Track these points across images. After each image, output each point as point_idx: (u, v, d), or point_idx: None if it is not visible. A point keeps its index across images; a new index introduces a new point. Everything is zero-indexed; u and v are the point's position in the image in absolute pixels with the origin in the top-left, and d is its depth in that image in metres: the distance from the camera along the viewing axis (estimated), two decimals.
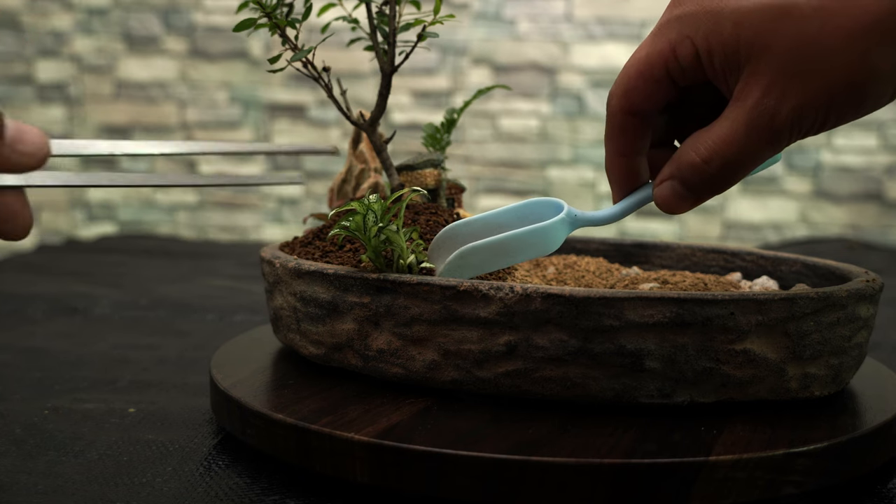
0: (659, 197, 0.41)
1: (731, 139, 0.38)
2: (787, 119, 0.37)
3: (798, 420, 0.41)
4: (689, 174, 0.40)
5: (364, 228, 0.42)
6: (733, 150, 0.38)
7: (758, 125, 0.37)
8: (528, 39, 1.78)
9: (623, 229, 1.81)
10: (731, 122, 0.38)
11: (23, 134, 0.34)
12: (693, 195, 0.40)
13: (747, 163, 0.39)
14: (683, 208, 0.41)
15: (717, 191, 0.40)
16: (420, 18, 0.50)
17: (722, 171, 0.39)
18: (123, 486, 0.40)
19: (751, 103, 0.37)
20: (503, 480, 0.35)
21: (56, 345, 0.69)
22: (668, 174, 0.41)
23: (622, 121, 0.42)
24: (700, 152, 0.39)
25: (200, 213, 1.85)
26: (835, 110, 0.37)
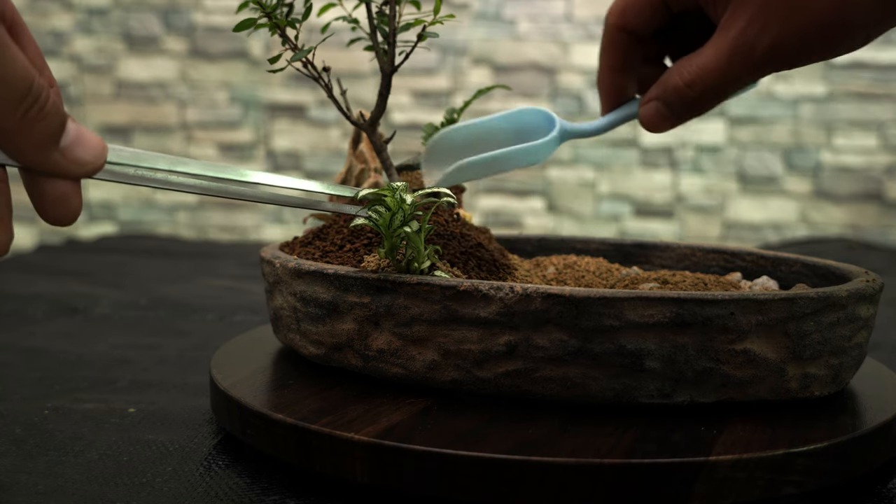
0: (644, 116, 0.44)
1: (713, 66, 0.40)
2: (765, 52, 0.39)
3: (798, 420, 0.41)
4: (673, 96, 0.43)
5: (389, 225, 0.42)
6: (714, 77, 0.41)
7: (738, 55, 0.40)
8: (528, 39, 1.78)
9: (623, 229, 1.81)
10: (714, 51, 0.40)
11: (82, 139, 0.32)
12: (674, 115, 0.43)
13: (726, 89, 0.41)
14: (665, 127, 0.44)
15: (697, 113, 0.43)
16: (420, 18, 0.50)
17: (703, 94, 0.42)
18: (123, 486, 0.40)
19: (733, 34, 0.39)
20: (503, 480, 0.35)
21: (56, 345, 0.69)
22: (654, 95, 0.44)
23: (616, 37, 0.44)
24: (684, 77, 0.42)
25: (200, 213, 1.85)
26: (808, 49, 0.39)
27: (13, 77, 0.29)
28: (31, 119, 0.30)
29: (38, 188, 0.33)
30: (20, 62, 0.29)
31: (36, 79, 0.30)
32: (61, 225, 0.34)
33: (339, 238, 0.52)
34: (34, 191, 0.33)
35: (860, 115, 1.74)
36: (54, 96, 0.31)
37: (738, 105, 1.76)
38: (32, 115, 0.30)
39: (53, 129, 0.31)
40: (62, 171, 0.32)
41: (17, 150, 0.31)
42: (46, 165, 0.32)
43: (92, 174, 0.33)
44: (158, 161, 0.37)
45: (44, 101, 0.30)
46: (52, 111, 0.31)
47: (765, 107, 1.76)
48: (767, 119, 1.76)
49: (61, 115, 0.31)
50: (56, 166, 0.32)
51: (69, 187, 0.33)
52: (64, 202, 0.33)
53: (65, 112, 0.32)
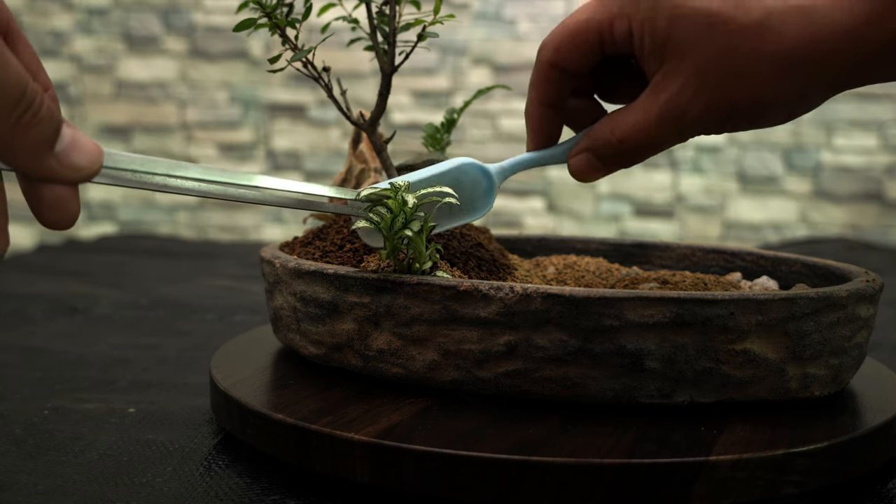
0: (574, 166, 0.45)
1: (642, 126, 0.42)
2: (693, 119, 0.40)
3: (798, 420, 0.41)
4: (604, 149, 0.44)
5: (391, 227, 0.42)
6: (643, 136, 0.42)
7: (667, 119, 0.41)
8: (528, 39, 1.78)
9: (623, 229, 1.81)
10: (644, 112, 0.41)
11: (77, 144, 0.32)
12: (605, 167, 0.45)
13: (655, 147, 0.43)
14: (594, 177, 0.45)
15: (628, 164, 0.44)
16: (420, 18, 0.50)
17: (633, 150, 0.43)
18: (123, 486, 0.40)
19: (664, 98, 0.40)
20: (503, 480, 0.35)
21: (56, 345, 0.69)
22: (584, 147, 0.45)
23: (548, 72, 0.45)
24: (615, 132, 0.43)
25: (200, 213, 1.84)
26: (733, 120, 0.40)
27: (6, 83, 0.29)
28: (25, 125, 0.30)
29: (35, 193, 0.32)
30: (13, 67, 0.29)
31: (30, 84, 0.30)
32: (59, 229, 0.33)
33: (339, 238, 0.52)
34: (31, 195, 0.32)
35: (860, 115, 1.74)
36: (49, 101, 0.31)
37: None
38: (26, 121, 0.30)
39: (48, 135, 0.31)
40: (58, 177, 0.32)
41: (11, 155, 0.31)
42: (42, 171, 0.31)
43: (88, 179, 0.33)
44: (156, 165, 0.37)
45: (38, 107, 0.30)
46: (46, 116, 0.30)
47: None
48: None
49: (56, 121, 0.31)
50: (51, 172, 0.31)
51: (66, 192, 0.32)
52: (61, 206, 0.32)
53: (60, 117, 0.31)
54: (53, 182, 0.32)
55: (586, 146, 0.44)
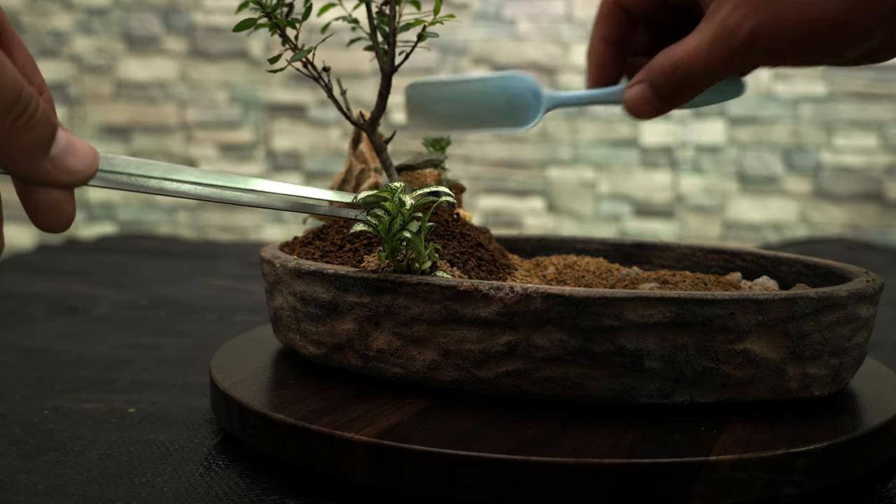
0: (628, 98, 0.44)
1: (695, 51, 0.41)
2: (743, 40, 0.39)
3: (798, 420, 0.41)
4: (659, 79, 0.43)
5: (389, 229, 0.42)
6: (696, 62, 0.41)
7: (718, 41, 0.40)
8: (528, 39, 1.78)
9: (623, 229, 1.81)
10: (697, 36, 0.41)
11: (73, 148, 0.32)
12: (659, 99, 0.43)
13: (706, 75, 0.41)
14: (648, 111, 0.44)
15: (681, 97, 0.43)
16: (420, 18, 0.50)
17: (686, 79, 0.42)
18: (123, 486, 0.40)
19: (717, 20, 0.40)
20: (503, 480, 0.35)
21: (56, 345, 0.69)
22: (640, 78, 0.44)
23: (611, 10, 0.45)
24: (669, 60, 0.42)
25: (200, 213, 1.85)
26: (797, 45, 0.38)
27: (1, 87, 0.29)
28: (20, 128, 0.30)
29: (30, 196, 0.32)
30: (9, 71, 0.29)
31: (25, 87, 0.29)
32: (54, 231, 0.33)
33: (339, 238, 0.52)
34: (27, 198, 0.32)
35: (860, 115, 1.74)
36: (44, 104, 0.31)
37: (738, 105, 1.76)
38: (21, 125, 0.30)
39: (43, 139, 0.31)
40: (53, 181, 0.31)
41: (7, 159, 0.30)
42: (37, 174, 0.31)
43: (83, 183, 0.33)
44: (152, 168, 0.36)
45: (33, 110, 0.30)
46: (41, 120, 0.30)
47: (765, 107, 1.76)
48: (767, 119, 1.76)
49: (51, 124, 0.31)
50: (46, 175, 0.31)
51: (62, 195, 0.32)
52: (56, 210, 0.32)
53: (55, 120, 0.31)
54: (49, 186, 0.32)
55: (642, 77, 0.44)
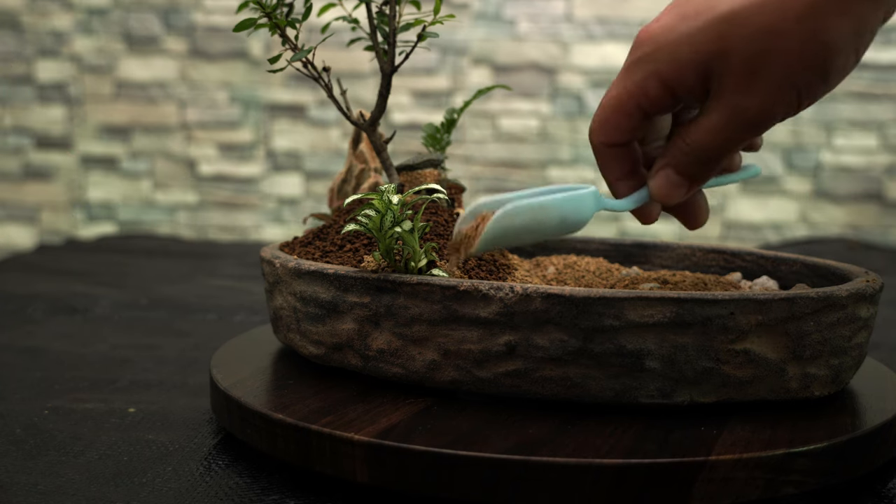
0: (654, 186, 0.44)
1: (713, 130, 0.41)
2: (759, 111, 0.40)
3: (798, 420, 0.41)
4: (681, 159, 0.43)
5: (381, 227, 0.42)
6: (717, 141, 0.41)
7: (733, 120, 0.40)
8: (528, 39, 1.78)
9: (623, 229, 1.81)
10: (709, 117, 0.41)
11: None
12: (686, 179, 0.44)
13: (730, 149, 0.42)
14: (678, 194, 0.44)
15: (705, 174, 0.44)
16: (420, 18, 0.50)
17: (709, 156, 0.42)
18: (123, 486, 0.40)
19: (723, 101, 0.40)
20: (503, 480, 0.35)
21: (56, 345, 0.69)
22: (662, 164, 0.44)
23: (606, 153, 0.45)
24: (688, 140, 0.42)
25: (200, 213, 1.85)
26: (804, 92, 0.39)
27: None
28: None
29: None
30: None
31: None
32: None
33: (339, 238, 0.52)
34: None
35: (860, 115, 1.74)
36: None
37: None
38: None
39: None
40: None
41: None
42: None
43: None
44: None
45: None
46: None
47: None
48: None
49: None
50: None
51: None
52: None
53: None
54: None
55: (663, 163, 0.44)
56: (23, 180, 1.81)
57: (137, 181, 1.84)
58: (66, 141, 1.83)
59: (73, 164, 1.83)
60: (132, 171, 1.84)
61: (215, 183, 1.83)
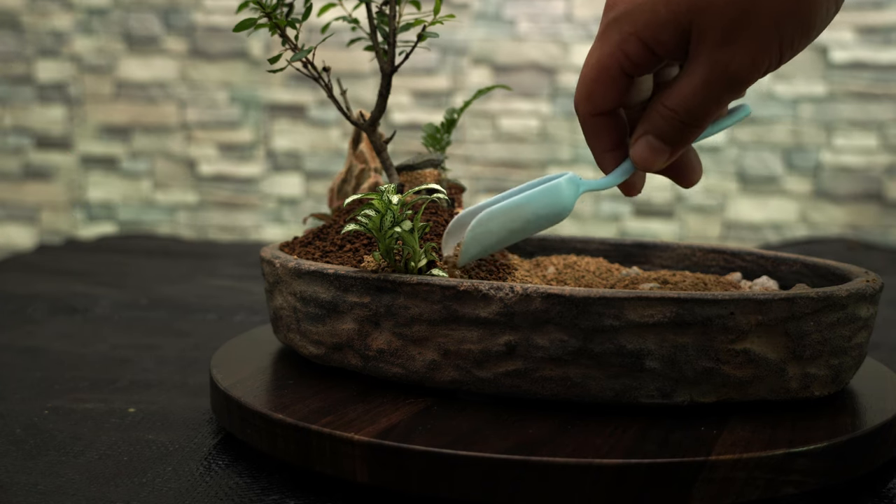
0: (635, 154, 0.43)
1: (692, 92, 0.40)
2: (741, 66, 0.39)
3: (798, 420, 0.41)
4: (661, 124, 0.42)
5: (380, 227, 0.42)
6: (697, 101, 0.40)
7: (714, 78, 0.39)
8: (528, 39, 1.78)
9: (623, 229, 1.81)
10: (689, 78, 0.40)
11: None
12: (667, 145, 0.42)
13: (713, 110, 0.41)
14: (659, 161, 0.43)
15: (688, 137, 0.42)
16: (420, 18, 0.50)
17: (689, 118, 0.41)
18: (123, 486, 0.40)
19: (703, 59, 0.39)
20: (503, 480, 0.35)
21: (56, 345, 0.69)
22: (642, 131, 0.43)
23: (594, 123, 0.44)
24: (668, 104, 0.41)
25: (200, 213, 1.85)
26: (786, 45, 0.39)
27: None
28: None
29: None
30: None
31: None
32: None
33: (339, 238, 0.52)
34: None
35: (860, 115, 1.74)
36: None
37: None
38: None
39: None
40: None
41: None
42: None
43: None
44: None
45: None
46: None
47: (765, 107, 1.76)
48: (767, 119, 1.76)
49: None
50: None
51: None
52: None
53: None
54: None
55: (643, 130, 0.43)
56: (23, 180, 1.81)
57: (137, 181, 1.84)
58: (66, 141, 1.83)
59: (73, 164, 1.83)
60: (132, 171, 1.84)
61: (215, 183, 1.84)
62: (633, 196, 0.46)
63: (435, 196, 0.44)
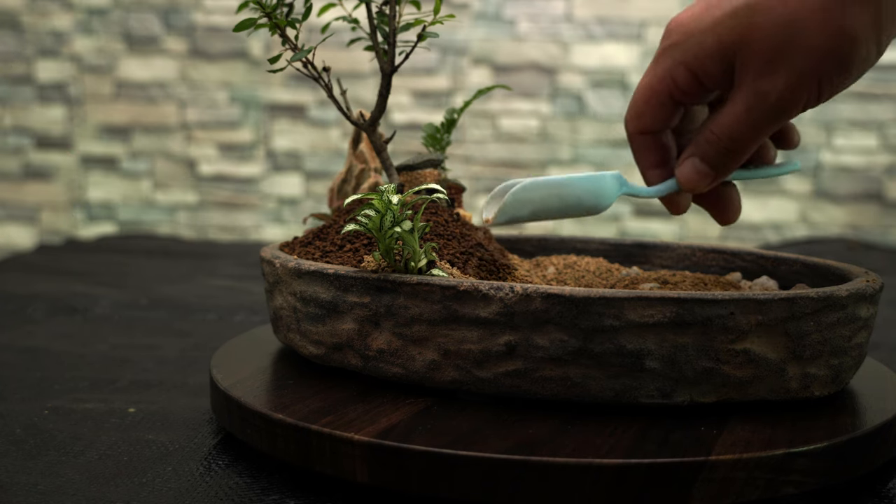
0: (680, 175, 0.46)
1: (735, 119, 0.42)
2: (780, 97, 0.41)
3: (798, 420, 0.41)
4: (706, 149, 0.44)
5: (380, 227, 0.42)
6: (739, 128, 0.43)
7: (755, 107, 0.41)
8: (528, 39, 1.78)
9: (623, 229, 1.81)
10: (732, 106, 0.42)
11: None
12: (711, 168, 0.45)
13: (754, 138, 0.43)
14: (703, 184, 0.45)
15: (730, 163, 0.45)
16: (420, 18, 0.50)
17: (732, 144, 0.43)
18: (123, 486, 0.40)
19: (745, 89, 0.41)
20: (503, 480, 0.35)
21: (56, 345, 0.69)
22: (689, 153, 0.45)
23: (641, 140, 0.47)
24: (714, 129, 0.44)
25: (200, 213, 1.85)
26: (825, 81, 0.40)
27: None
28: None
29: None
30: None
31: None
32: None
33: (339, 238, 0.52)
34: None
35: (860, 115, 1.74)
36: None
37: None
38: None
39: None
40: None
41: None
42: None
43: None
44: None
45: None
46: None
47: None
48: None
49: None
50: None
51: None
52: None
53: None
54: None
55: (690, 153, 0.45)
56: (23, 180, 1.81)
57: (137, 181, 1.84)
58: (66, 141, 1.83)
59: (73, 164, 1.83)
60: (132, 171, 1.84)
61: (215, 183, 1.83)
62: (678, 214, 0.49)
63: (435, 196, 0.44)
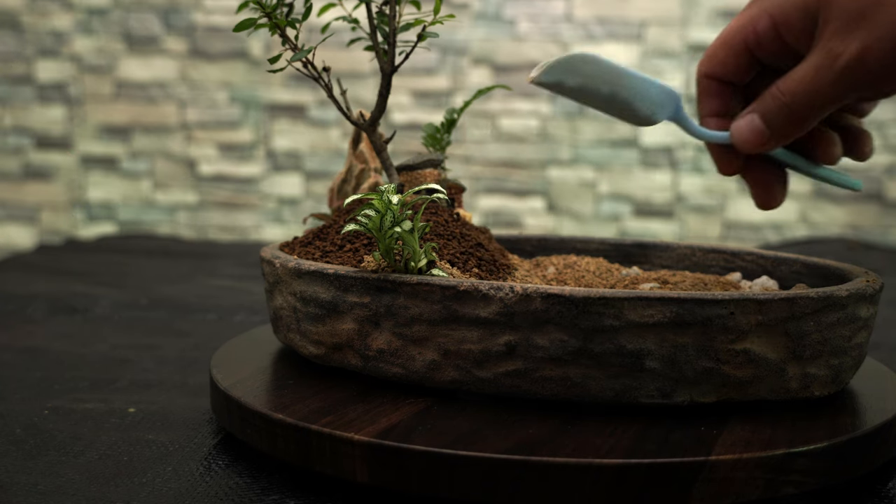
0: (735, 128, 0.44)
1: (802, 77, 0.41)
2: (849, 61, 0.39)
3: (798, 420, 0.41)
4: (769, 104, 0.43)
5: (380, 227, 0.42)
6: (804, 87, 0.41)
7: (823, 66, 0.40)
8: (528, 39, 1.78)
9: (623, 229, 1.81)
10: (804, 63, 0.41)
11: None
12: (769, 129, 0.43)
13: (816, 103, 0.41)
14: (756, 143, 0.43)
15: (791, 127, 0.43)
16: (420, 18, 0.50)
17: (795, 106, 0.42)
18: (123, 486, 0.40)
19: (820, 47, 0.40)
20: (503, 480, 0.35)
21: (56, 345, 0.69)
22: (750, 109, 0.44)
23: (706, 84, 0.46)
24: (779, 85, 0.42)
25: (200, 213, 1.85)
26: None
27: None
28: None
29: None
30: None
31: None
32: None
33: (339, 238, 0.52)
34: None
35: None
36: None
37: None
38: None
39: None
40: None
41: None
42: None
43: None
44: None
45: None
46: None
47: None
48: None
49: None
50: None
51: None
52: None
53: None
54: None
55: (751, 108, 0.44)
56: (23, 180, 1.81)
57: (137, 181, 1.84)
58: (66, 141, 1.83)
59: (73, 164, 1.83)
60: (132, 171, 1.84)
61: (215, 183, 1.84)
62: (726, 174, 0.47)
63: (435, 196, 0.44)
